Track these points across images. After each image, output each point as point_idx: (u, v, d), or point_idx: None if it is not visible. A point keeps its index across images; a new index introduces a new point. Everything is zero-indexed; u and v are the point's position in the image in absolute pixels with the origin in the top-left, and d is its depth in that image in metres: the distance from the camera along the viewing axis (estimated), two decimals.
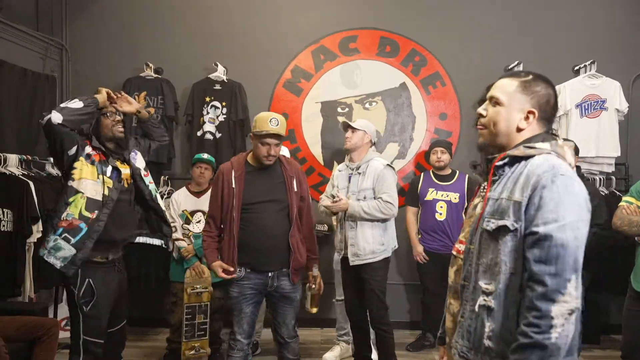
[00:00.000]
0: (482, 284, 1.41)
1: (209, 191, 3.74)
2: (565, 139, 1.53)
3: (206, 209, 3.66)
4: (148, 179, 2.83)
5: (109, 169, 2.60)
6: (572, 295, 1.26)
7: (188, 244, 3.64)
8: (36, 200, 3.45)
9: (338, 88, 4.63)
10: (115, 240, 2.63)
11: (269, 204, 2.69)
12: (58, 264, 2.45)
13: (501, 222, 1.38)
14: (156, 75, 4.47)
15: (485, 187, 1.52)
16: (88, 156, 2.55)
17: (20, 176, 3.53)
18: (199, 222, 3.70)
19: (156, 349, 3.97)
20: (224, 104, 4.41)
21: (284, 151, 3.66)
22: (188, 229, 3.70)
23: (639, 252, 2.71)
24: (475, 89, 4.51)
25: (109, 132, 2.68)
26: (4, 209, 3.41)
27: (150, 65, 4.46)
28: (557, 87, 4.46)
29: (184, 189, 3.84)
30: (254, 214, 2.67)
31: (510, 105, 1.47)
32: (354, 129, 3.37)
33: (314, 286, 2.86)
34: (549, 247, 1.27)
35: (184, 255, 3.60)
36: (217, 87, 4.41)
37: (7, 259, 3.38)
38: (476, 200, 1.59)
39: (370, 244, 3.20)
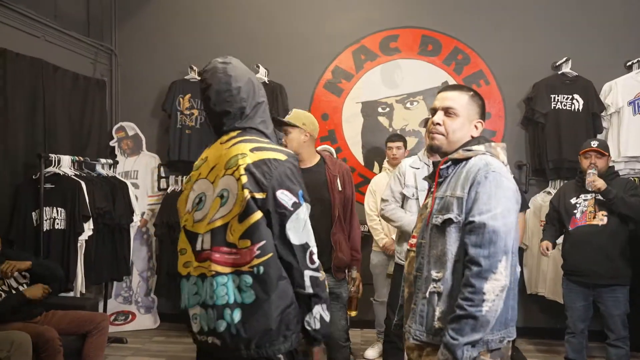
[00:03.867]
0: (434, 272, 1.61)
1: None
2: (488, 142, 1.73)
3: None
4: None
5: None
6: (503, 274, 1.46)
7: None
8: (87, 199, 3.60)
9: (379, 88, 4.60)
10: None
11: (312, 203, 2.70)
12: None
13: (446, 216, 1.59)
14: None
15: (432, 188, 1.76)
16: None
17: (73, 176, 3.69)
18: None
19: None
20: None
21: (331, 152, 3.64)
22: None
23: None
24: (521, 87, 4.40)
25: None
26: (58, 208, 3.58)
27: (195, 68, 4.56)
28: (608, 84, 4.38)
29: None
30: None
31: (466, 117, 1.69)
32: None
33: (352, 289, 2.82)
34: (483, 234, 1.48)
35: None
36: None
37: (61, 255, 3.54)
38: (426, 200, 1.78)
39: None
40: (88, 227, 3.62)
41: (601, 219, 3.05)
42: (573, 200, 3.17)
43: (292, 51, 4.65)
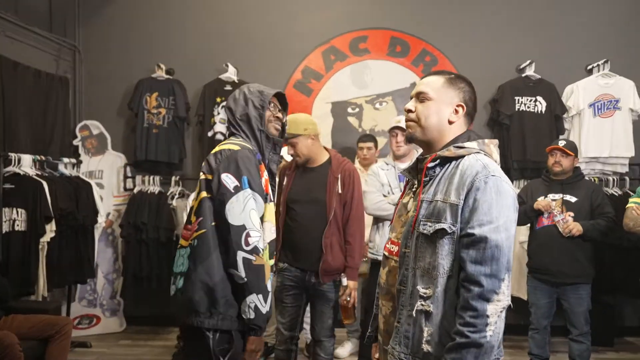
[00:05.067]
0: (420, 288, 1.41)
1: None
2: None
3: None
4: None
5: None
6: (505, 294, 1.31)
7: None
8: (50, 200, 3.50)
9: (348, 88, 4.62)
10: None
11: (308, 204, 2.73)
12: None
13: (439, 225, 1.38)
14: (168, 76, 4.50)
15: (413, 185, 1.57)
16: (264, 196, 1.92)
17: (34, 176, 3.57)
18: None
19: (167, 348, 4.00)
20: None
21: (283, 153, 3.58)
22: None
23: None
24: (487, 88, 4.49)
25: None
26: (18, 209, 3.46)
27: (162, 66, 4.48)
28: (570, 87, 4.50)
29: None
30: (295, 213, 2.74)
31: (440, 99, 1.51)
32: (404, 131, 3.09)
33: (343, 298, 2.72)
34: (484, 249, 1.30)
35: None
36: (228, 87, 4.42)
37: (21, 258, 3.42)
38: (405, 199, 1.60)
39: None
40: (50, 229, 3.51)
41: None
42: (541, 199, 3.22)
43: (262, 51, 4.63)
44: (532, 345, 3.28)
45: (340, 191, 2.71)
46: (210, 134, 4.43)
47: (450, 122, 1.50)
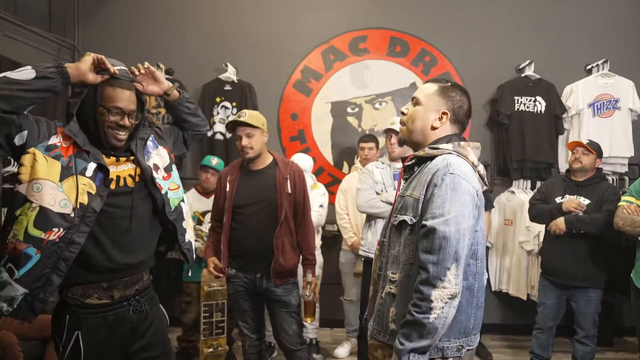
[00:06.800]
0: (390, 273, 1.61)
1: None
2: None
3: None
4: (167, 183, 2.03)
5: (90, 166, 1.75)
6: (452, 282, 1.42)
7: (202, 244, 3.62)
8: None
9: (348, 88, 4.62)
10: (118, 269, 1.84)
11: (257, 205, 2.68)
12: (4, 308, 1.65)
13: (401, 217, 1.58)
14: (167, 76, 4.49)
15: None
16: (49, 148, 1.70)
17: None
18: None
19: None
20: (234, 104, 4.43)
21: (308, 176, 3.50)
22: (201, 230, 3.70)
23: None
24: (486, 88, 4.49)
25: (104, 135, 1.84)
26: None
27: (161, 66, 4.48)
28: (569, 87, 4.49)
29: (192, 190, 3.84)
30: (243, 216, 2.69)
31: (427, 105, 1.65)
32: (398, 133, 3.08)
33: (307, 293, 2.74)
34: (433, 239, 1.43)
35: (200, 256, 3.58)
36: (228, 87, 4.43)
37: None
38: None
39: None
40: None
41: None
42: (559, 199, 3.21)
43: (261, 50, 4.63)
44: (535, 345, 3.28)
45: (289, 191, 2.69)
46: (209, 133, 4.43)
47: (433, 128, 1.64)
